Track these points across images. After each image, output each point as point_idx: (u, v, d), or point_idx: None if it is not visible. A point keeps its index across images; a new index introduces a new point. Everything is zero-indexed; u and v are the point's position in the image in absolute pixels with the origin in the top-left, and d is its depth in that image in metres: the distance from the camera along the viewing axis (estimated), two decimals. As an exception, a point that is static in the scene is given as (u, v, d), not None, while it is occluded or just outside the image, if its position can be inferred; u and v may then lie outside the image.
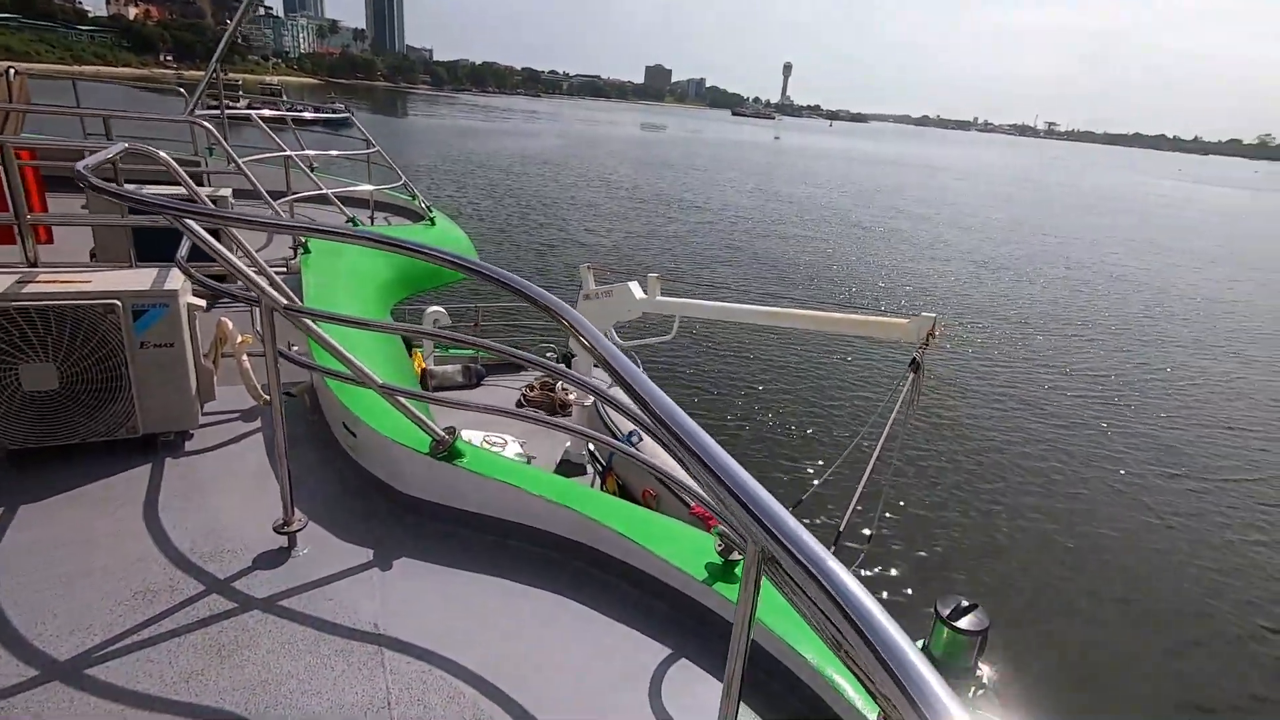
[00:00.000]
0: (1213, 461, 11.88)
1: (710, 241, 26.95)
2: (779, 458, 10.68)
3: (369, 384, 2.46)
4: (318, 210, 7.05)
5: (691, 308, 7.57)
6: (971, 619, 2.84)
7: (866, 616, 0.82)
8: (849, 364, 14.73)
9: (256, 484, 2.81)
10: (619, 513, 2.63)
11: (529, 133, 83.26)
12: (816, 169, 69.94)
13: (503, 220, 27.05)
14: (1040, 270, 27.60)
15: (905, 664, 0.78)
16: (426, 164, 41.67)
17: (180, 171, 3.23)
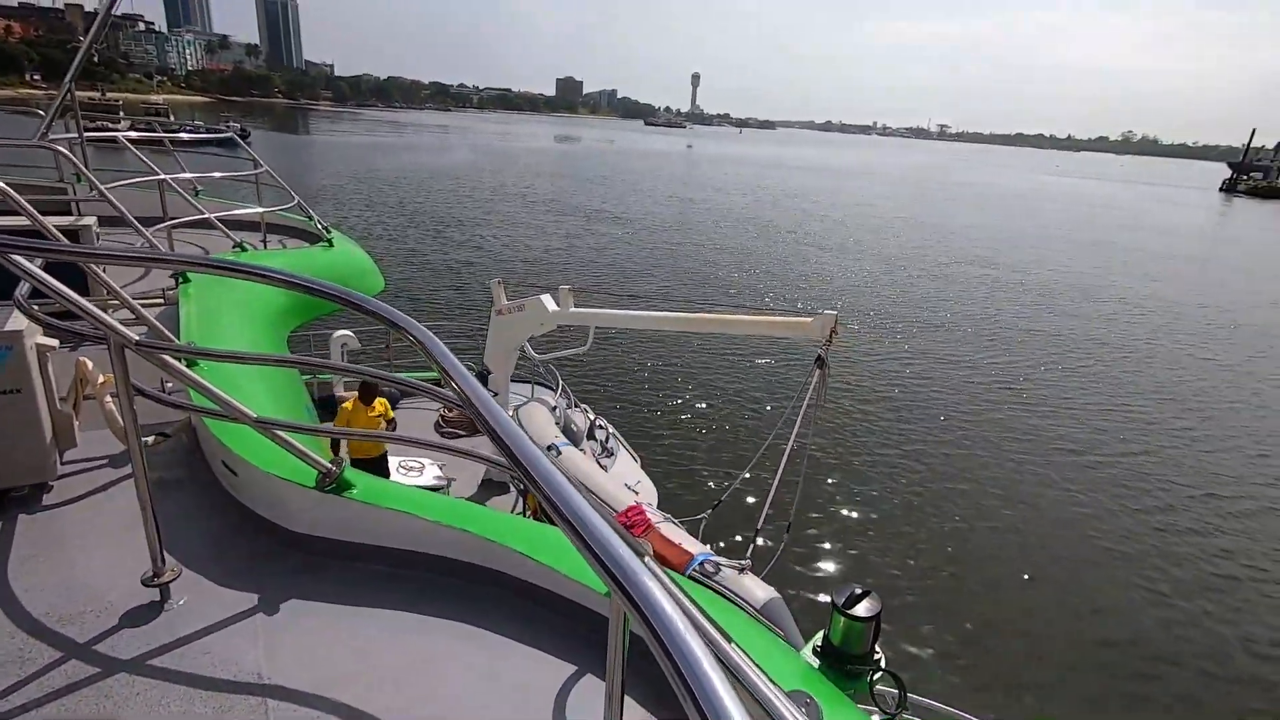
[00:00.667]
0: (1102, 439, 12.85)
1: (629, 251, 27.15)
2: (701, 459, 10.83)
3: (243, 420, 2.33)
4: (203, 236, 6.66)
5: (605, 318, 7.59)
6: (865, 605, 2.96)
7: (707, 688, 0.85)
8: (763, 364, 15.13)
9: (126, 535, 2.61)
10: (519, 532, 2.59)
11: (440, 147, 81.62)
12: (729, 175, 71.78)
13: (416, 238, 26.36)
14: (939, 265, 29.21)
15: None
16: (332, 183, 40.18)
17: (21, 201, 2.97)
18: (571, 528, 1.13)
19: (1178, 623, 7.93)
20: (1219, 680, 7.16)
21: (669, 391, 13.35)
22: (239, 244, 6.18)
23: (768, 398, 13.35)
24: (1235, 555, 9.36)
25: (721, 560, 5.24)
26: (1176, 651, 7.49)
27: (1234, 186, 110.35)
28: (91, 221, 4.51)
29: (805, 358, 6.40)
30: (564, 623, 2.37)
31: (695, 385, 13.73)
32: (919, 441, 12.03)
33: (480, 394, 1.50)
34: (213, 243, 6.55)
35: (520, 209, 36.14)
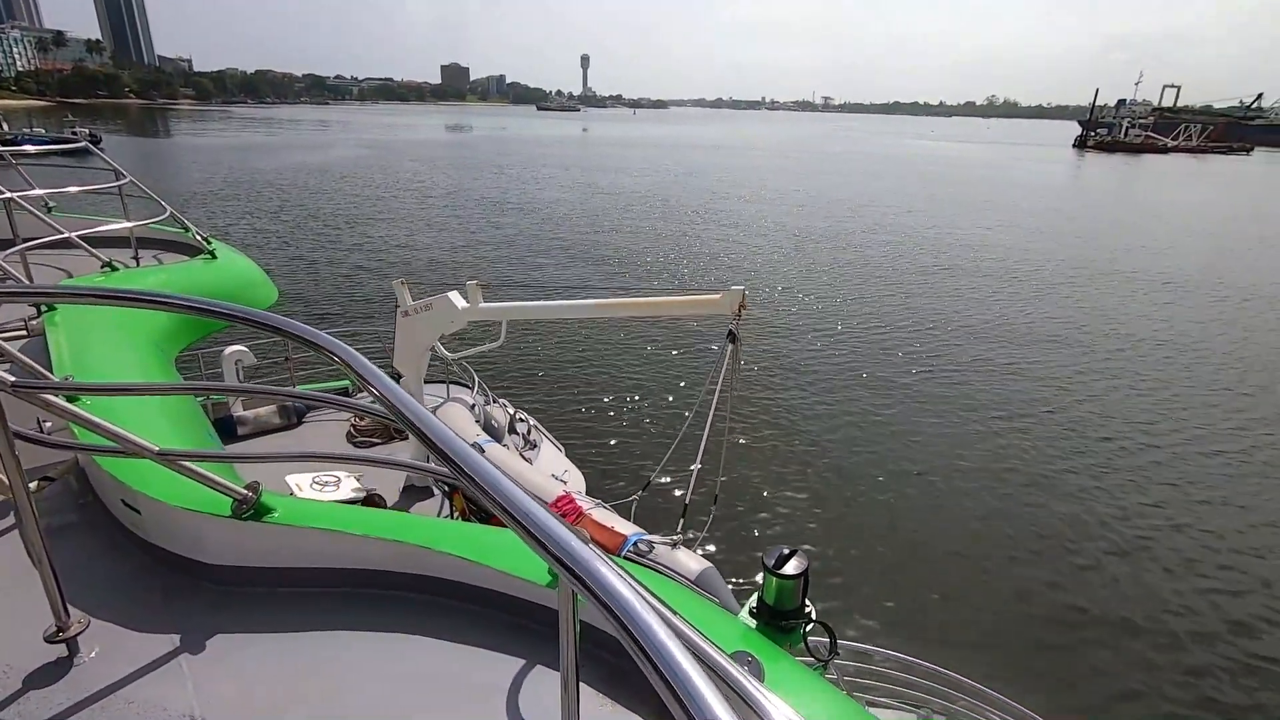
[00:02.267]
0: (1007, 392, 13.87)
1: (535, 240, 26.84)
2: (626, 443, 10.98)
3: (144, 454, 2.19)
4: (64, 256, 6.08)
5: (517, 310, 7.51)
6: (793, 564, 3.14)
7: (664, 655, 0.92)
8: (680, 344, 15.42)
9: (19, 591, 2.40)
10: (450, 534, 2.57)
11: (322, 144, 77.27)
12: (628, 157, 71.96)
13: (306, 243, 24.97)
14: (836, 233, 30.57)
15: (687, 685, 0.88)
16: (205, 189, 37.35)
17: None
18: (514, 519, 1.16)
19: (1089, 567, 8.62)
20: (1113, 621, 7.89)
21: (588, 379, 13.39)
22: (108, 263, 5.68)
23: (686, 376, 13.65)
24: (1128, 488, 10.36)
25: (654, 538, 5.36)
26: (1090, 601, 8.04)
27: (1085, 143, 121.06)
28: (-73, 252, 4.04)
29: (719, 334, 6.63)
30: (507, 620, 2.39)
31: (614, 371, 13.84)
32: (832, 405, 12.67)
33: (401, 396, 1.50)
34: (77, 263, 6.00)
35: (416, 204, 34.90)
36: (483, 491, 1.23)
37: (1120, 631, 7.55)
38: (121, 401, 3.20)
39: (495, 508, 1.20)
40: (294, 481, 6.60)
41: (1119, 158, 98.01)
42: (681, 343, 15.37)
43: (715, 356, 6.69)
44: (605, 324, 15.74)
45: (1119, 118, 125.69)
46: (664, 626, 0.96)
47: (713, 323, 14.44)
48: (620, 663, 2.19)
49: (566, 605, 1.25)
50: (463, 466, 1.27)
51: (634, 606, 0.99)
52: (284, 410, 8.90)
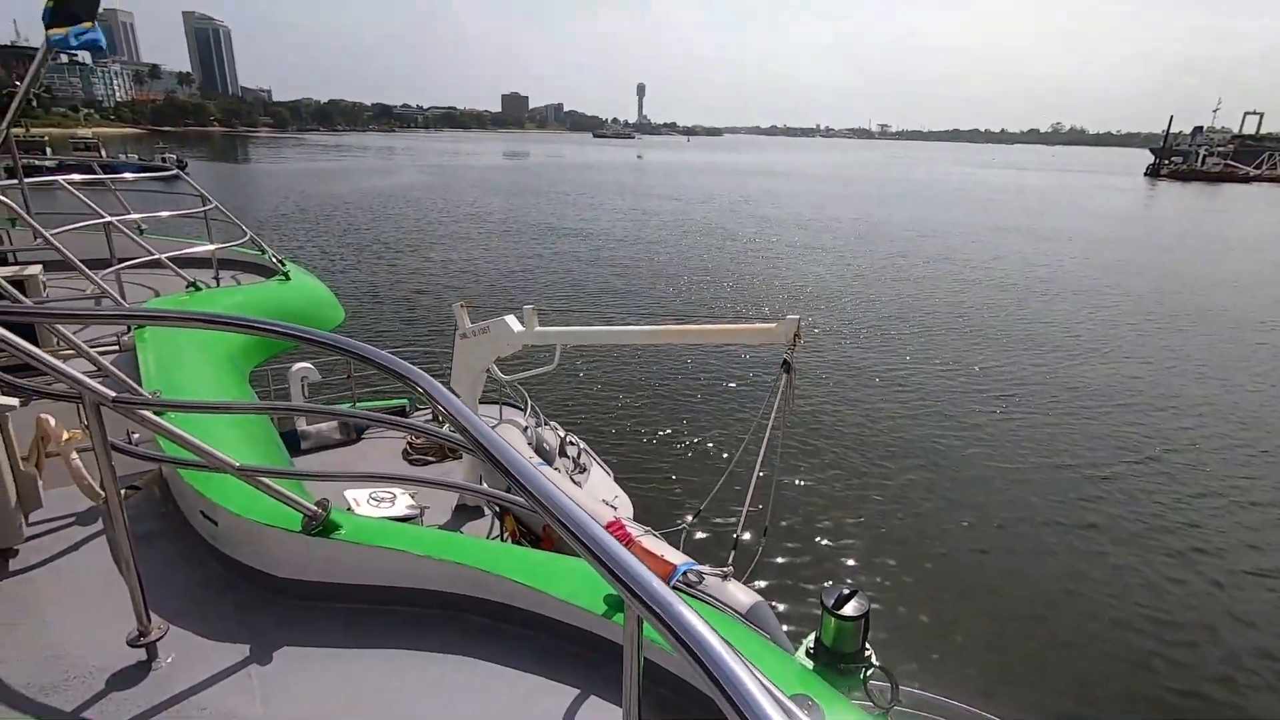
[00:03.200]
0: (1070, 429, 13.18)
1: (589, 267, 27.15)
2: (676, 470, 10.89)
3: (225, 469, 2.30)
4: (152, 276, 6.48)
5: (571, 335, 7.63)
6: (853, 605, 3.04)
7: (727, 672, 0.91)
8: (733, 372, 15.25)
9: (103, 594, 2.53)
10: (509, 559, 2.59)
11: (388, 169, 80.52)
12: (682, 184, 72.38)
13: (371, 265, 25.93)
14: (894, 262, 29.96)
15: None
16: (278, 212, 39.30)
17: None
18: (584, 545, 1.17)
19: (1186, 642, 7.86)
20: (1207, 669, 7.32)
21: (639, 405, 13.39)
22: (192, 284, 6.03)
23: (739, 405, 13.47)
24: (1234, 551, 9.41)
25: (704, 569, 5.29)
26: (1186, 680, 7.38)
27: (1158, 171, 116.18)
28: (37, 270, 4.36)
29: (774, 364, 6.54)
30: (564, 647, 2.39)
31: (665, 397, 13.80)
32: (890, 439, 12.31)
33: (470, 417, 1.52)
34: (164, 283, 6.38)
35: (476, 229, 35.87)
36: (553, 516, 1.24)
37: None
38: (205, 417, 3.37)
39: (564, 533, 1.21)
40: (352, 496, 6.80)
41: (1196, 187, 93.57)
42: (735, 371, 15.22)
43: (769, 386, 6.60)
44: (658, 350, 15.73)
45: (1195, 145, 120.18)
46: (742, 664, 0.95)
47: (767, 352, 14.29)
48: (679, 699, 2.16)
49: (632, 636, 1.24)
50: (532, 490, 1.29)
51: (709, 640, 0.98)
52: (345, 426, 9.22)
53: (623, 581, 1.10)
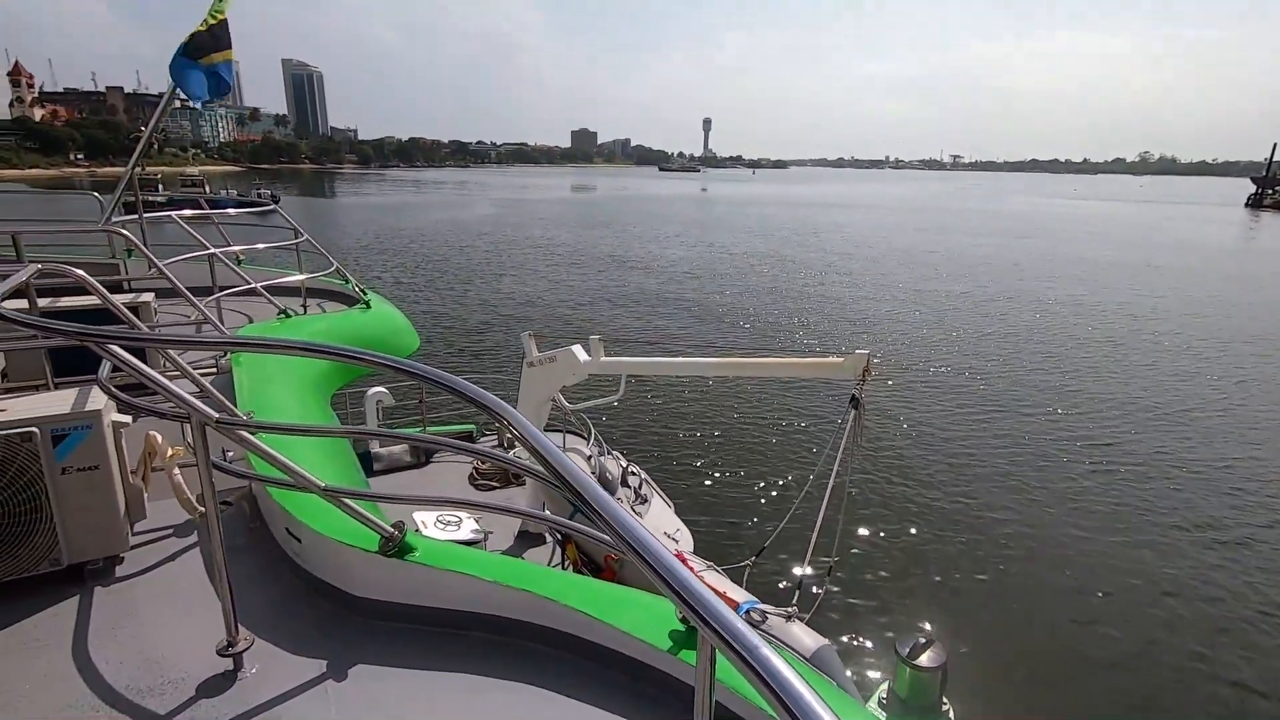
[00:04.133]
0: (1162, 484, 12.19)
1: (655, 298, 27.35)
2: (739, 504, 10.71)
3: (311, 489, 2.42)
4: (249, 303, 6.91)
5: (636, 365, 7.68)
6: (930, 655, 2.90)
7: (797, 698, 0.89)
8: (799, 406, 14.98)
9: (196, 604, 2.68)
10: (575, 588, 2.61)
11: (461, 204, 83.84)
12: (747, 216, 72.31)
13: (444, 294, 26.93)
14: (970, 296, 28.94)
15: None
16: (359, 244, 41.41)
17: (100, 289, 3.15)
18: (656, 573, 1.17)
19: None
20: None
21: (702, 437, 13.28)
22: (283, 311, 6.41)
23: (805, 440, 13.16)
24: None
25: (768, 608, 5.16)
26: None
27: (1260, 201, 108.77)
28: (150, 298, 4.75)
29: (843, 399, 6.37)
30: (629, 683, 2.37)
31: (729, 429, 13.64)
32: (964, 478, 11.77)
33: (545, 442, 1.56)
34: (258, 310, 6.80)
35: (543, 260, 36.78)
36: (627, 545, 1.25)
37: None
38: (291, 437, 3.56)
39: (639, 562, 1.22)
40: (420, 518, 6.98)
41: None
42: (802, 406, 14.91)
43: (838, 422, 6.46)
44: (723, 383, 15.61)
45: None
46: (825, 707, 0.92)
47: (836, 387, 13.97)
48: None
49: (704, 672, 1.23)
50: (607, 518, 1.30)
51: (790, 679, 0.96)
52: (415, 450, 9.51)
53: (698, 614, 1.09)
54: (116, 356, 2.15)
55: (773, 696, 0.94)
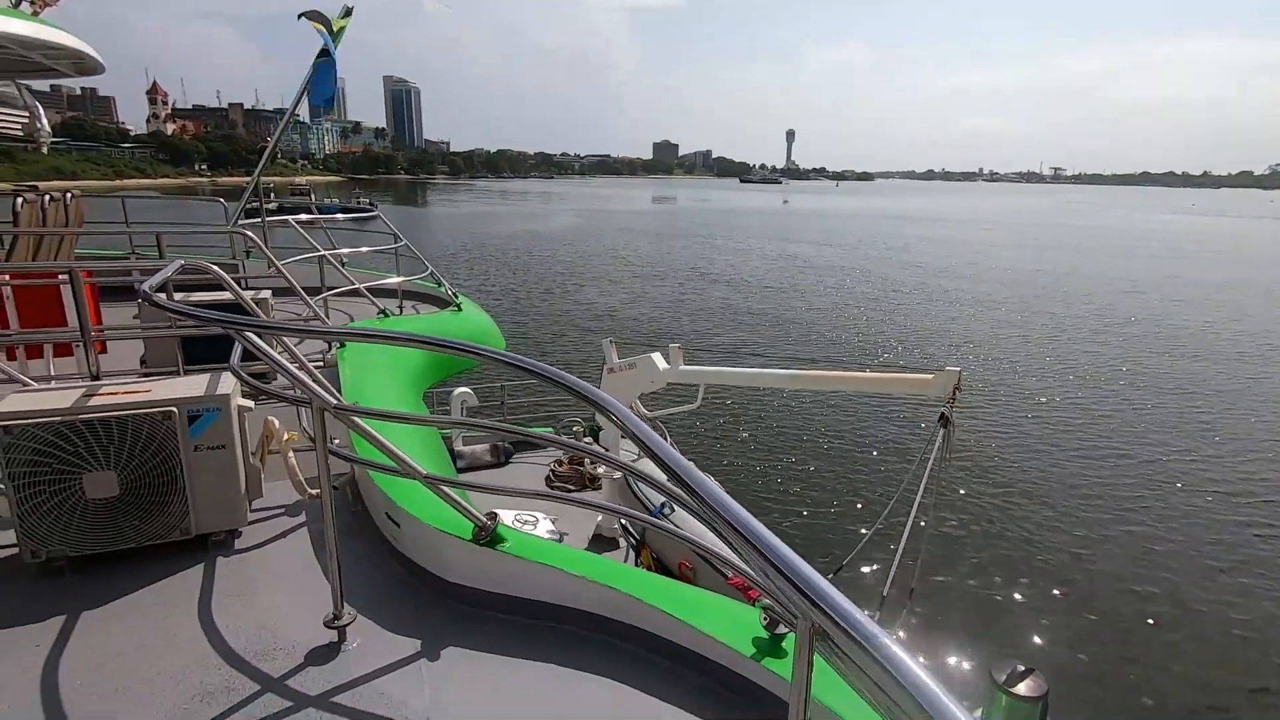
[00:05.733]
0: None
1: (729, 308, 27.22)
2: (817, 521, 10.47)
3: (414, 475, 2.55)
4: (350, 303, 7.34)
5: (715, 375, 7.66)
6: (1030, 684, 2.74)
7: (923, 690, 0.85)
8: (879, 422, 14.52)
9: (305, 578, 2.87)
10: (658, 588, 2.63)
11: (545, 213, 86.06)
12: (828, 229, 70.64)
13: (525, 300, 27.70)
14: (1075, 318, 27.12)
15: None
16: (447, 251, 43.08)
17: (234, 286, 3.45)
18: (758, 550, 1.17)
19: None
20: None
21: (780, 448, 13.06)
22: (383, 311, 6.79)
23: (889, 457, 12.72)
24: None
25: (847, 628, 5.02)
26: None
27: None
28: (269, 294, 5.14)
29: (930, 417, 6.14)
30: (709, 684, 2.37)
31: (807, 443, 13.35)
32: (1064, 510, 11.04)
33: (645, 430, 1.57)
34: (359, 309, 7.21)
35: (623, 269, 37.23)
36: (725, 522, 1.24)
37: None
38: (390, 427, 3.77)
39: (737, 538, 1.21)
40: (500, 515, 7.21)
41: None
42: (886, 421, 14.42)
43: (924, 440, 6.23)
44: (801, 396, 15.31)
45: None
46: (961, 708, 0.88)
47: (924, 404, 13.44)
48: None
49: (802, 674, 1.21)
50: (713, 504, 1.30)
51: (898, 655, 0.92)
52: (495, 449, 9.81)
53: (810, 599, 1.05)
54: (252, 344, 2.34)
55: (897, 692, 0.87)
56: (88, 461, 2.74)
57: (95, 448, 2.74)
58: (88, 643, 2.45)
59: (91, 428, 2.72)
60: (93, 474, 2.75)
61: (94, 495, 2.76)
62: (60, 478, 2.71)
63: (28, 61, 6.12)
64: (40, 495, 2.70)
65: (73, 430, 2.70)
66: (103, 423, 2.74)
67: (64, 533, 2.75)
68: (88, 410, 2.74)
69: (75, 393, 2.87)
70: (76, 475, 2.73)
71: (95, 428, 2.73)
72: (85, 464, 2.74)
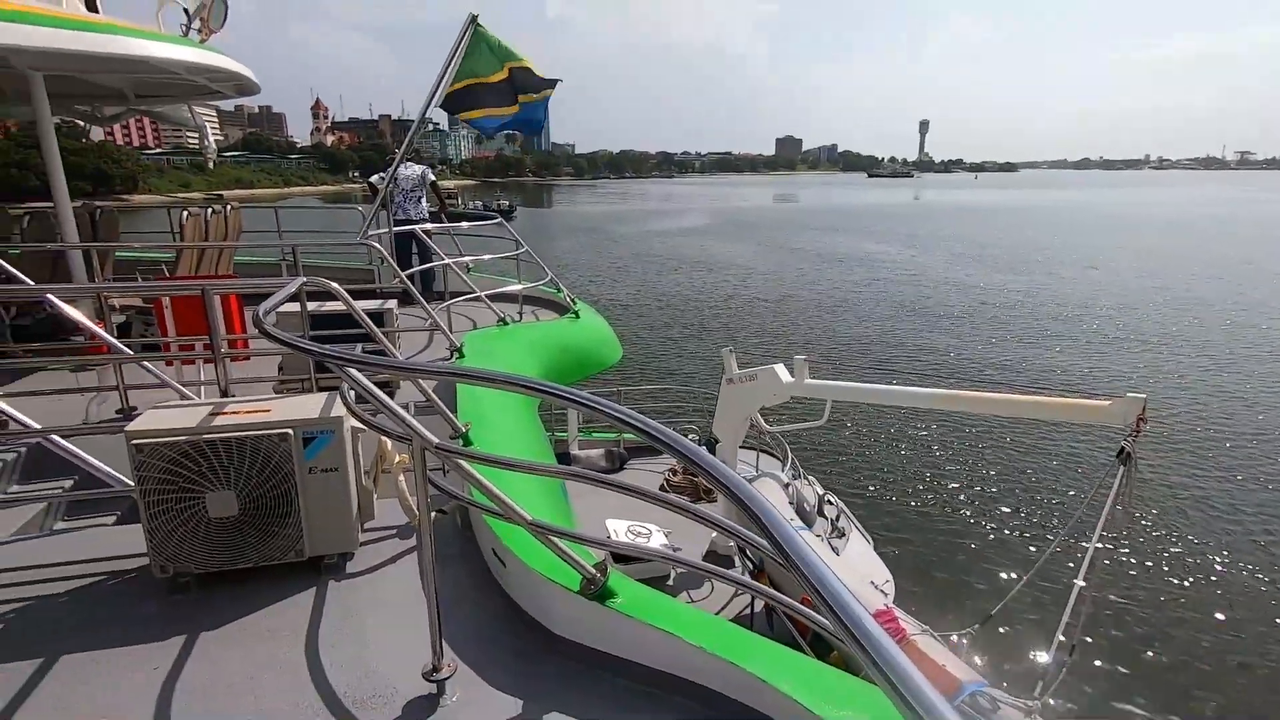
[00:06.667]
0: None
1: (857, 318, 25.62)
2: (958, 558, 9.46)
3: (518, 521, 2.34)
4: (473, 308, 7.45)
5: (845, 391, 7.07)
6: None
7: None
8: (1036, 453, 12.90)
9: (411, 611, 2.74)
10: (786, 668, 2.26)
11: (662, 213, 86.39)
12: (966, 230, 63.75)
13: (643, 304, 27.72)
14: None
15: None
16: (567, 252, 44.18)
17: (349, 300, 3.43)
18: (852, 635, 1.02)
19: None
20: None
21: (913, 472, 12.02)
22: (502, 318, 6.82)
23: (1051, 493, 11.29)
24: None
25: (1000, 695, 4.36)
26: None
27: None
28: (393, 305, 5.23)
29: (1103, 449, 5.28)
30: None
31: (949, 469, 12.16)
32: (1269, 568, 9.34)
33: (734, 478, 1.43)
34: (481, 315, 7.30)
35: (739, 274, 36.39)
36: (834, 615, 1.05)
37: None
38: (502, 450, 3.63)
39: (847, 638, 1.03)
40: (612, 526, 7.03)
41: None
42: (1045, 451, 12.74)
43: (1096, 475, 5.35)
44: (937, 418, 13.93)
45: None
46: None
47: (1094, 435, 11.84)
48: None
49: None
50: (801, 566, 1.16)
51: None
52: (610, 455, 9.75)
53: (908, 703, 0.90)
54: (354, 380, 2.22)
55: None
56: (210, 480, 2.75)
57: (217, 467, 2.75)
58: (202, 667, 2.43)
59: (214, 447, 2.73)
60: (215, 493, 2.76)
61: (216, 514, 2.78)
62: (185, 495, 2.74)
63: (196, 85, 6.67)
64: (168, 512, 2.74)
65: (196, 449, 2.72)
66: (224, 443, 2.74)
67: (189, 550, 2.79)
68: (211, 430, 2.75)
69: (202, 410, 2.90)
70: (200, 494, 2.75)
71: (217, 447, 2.74)
72: (208, 483, 2.76)
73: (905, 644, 4.89)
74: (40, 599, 2.83)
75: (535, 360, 6.34)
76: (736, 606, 6.59)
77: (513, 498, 2.40)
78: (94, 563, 3.05)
